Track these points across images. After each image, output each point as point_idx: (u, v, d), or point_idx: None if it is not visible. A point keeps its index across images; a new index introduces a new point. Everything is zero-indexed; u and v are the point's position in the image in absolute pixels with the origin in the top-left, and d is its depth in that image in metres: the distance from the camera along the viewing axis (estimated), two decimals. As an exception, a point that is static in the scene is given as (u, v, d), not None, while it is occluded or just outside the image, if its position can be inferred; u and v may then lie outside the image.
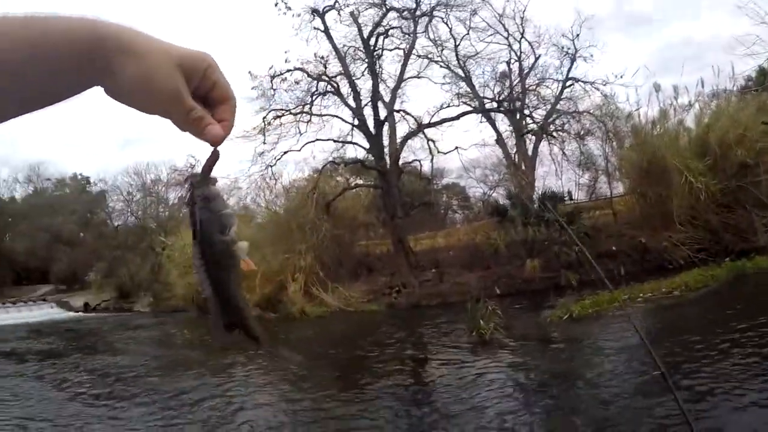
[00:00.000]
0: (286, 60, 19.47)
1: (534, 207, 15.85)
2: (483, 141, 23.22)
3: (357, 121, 19.88)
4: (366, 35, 20.23)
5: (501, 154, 22.99)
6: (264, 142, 20.13)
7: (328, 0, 19.75)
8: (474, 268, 16.66)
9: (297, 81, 19.79)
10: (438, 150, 20.81)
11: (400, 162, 19.72)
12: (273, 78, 19.42)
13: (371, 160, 19.94)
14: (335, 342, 12.39)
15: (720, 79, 19.02)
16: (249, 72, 19.47)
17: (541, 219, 15.02)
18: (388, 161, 19.18)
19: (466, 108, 22.08)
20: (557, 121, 22.21)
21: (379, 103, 19.90)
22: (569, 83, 22.24)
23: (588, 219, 16.84)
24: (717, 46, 34.32)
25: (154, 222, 31.32)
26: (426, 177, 21.10)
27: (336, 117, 20.48)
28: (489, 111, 22.54)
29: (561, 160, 21.78)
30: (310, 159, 20.94)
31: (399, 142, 19.91)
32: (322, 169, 19.85)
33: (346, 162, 21.05)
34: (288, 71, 19.47)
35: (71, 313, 26.65)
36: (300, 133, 20.15)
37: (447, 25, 21.80)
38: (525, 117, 22.58)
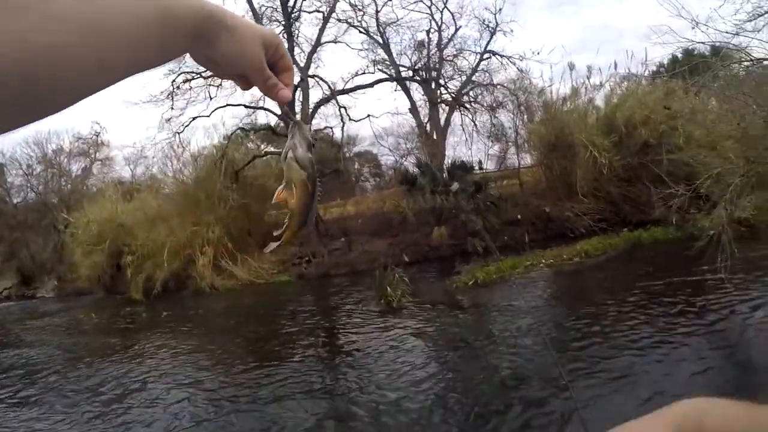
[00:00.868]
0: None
1: (443, 176, 15.82)
2: (396, 109, 23.02)
3: (269, 86, 18.94)
4: (285, -5, 19.29)
5: (414, 123, 22.94)
6: (172, 107, 19.22)
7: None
8: (383, 236, 16.53)
9: (209, 41, 18.61)
10: (350, 117, 20.33)
11: (311, 128, 19.02)
12: (184, 38, 18.16)
13: (282, 126, 19.13)
14: (247, 315, 12.15)
15: (632, 64, 19.80)
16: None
17: (449, 188, 15.03)
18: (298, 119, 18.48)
19: (381, 75, 21.81)
20: (471, 93, 22.34)
21: (294, 68, 19.05)
22: (486, 56, 22.40)
23: (495, 188, 17.12)
24: (635, 32, 35.70)
25: (56, 197, 28.63)
26: (337, 144, 20.58)
27: (248, 81, 19.50)
28: (405, 80, 22.39)
29: (472, 131, 21.89)
30: (219, 125, 20.00)
31: (311, 108, 19.26)
32: (231, 136, 18.95)
33: (256, 129, 20.23)
34: (201, 30, 18.27)
35: (-32, 306, 23.70)
36: (210, 98, 19.24)
37: (370, -11, 21.23)
38: (440, 87, 22.60)
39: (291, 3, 19.39)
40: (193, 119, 19.36)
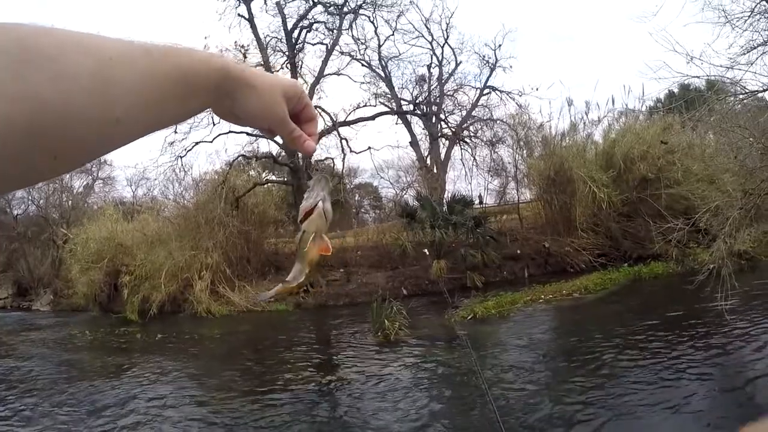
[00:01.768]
0: (205, 46, 18.34)
1: (442, 209, 15.80)
2: (397, 142, 23.17)
3: (272, 115, 19.18)
4: (290, 27, 19.73)
5: (414, 156, 23.07)
6: (175, 131, 19.09)
7: (255, -14, 19.03)
8: (382, 268, 16.46)
9: (214, 68, 18.99)
10: (351, 149, 20.51)
11: (312, 159, 19.15)
12: (190, 63, 18.53)
13: (284, 155, 19.30)
14: (242, 342, 12.06)
15: (630, 99, 19.99)
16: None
17: (449, 222, 14.99)
18: (300, 158, 18.58)
19: (383, 108, 22.04)
20: (471, 128, 22.55)
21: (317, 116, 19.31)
22: (486, 91, 22.80)
23: (495, 223, 17.07)
24: (632, 67, 36.26)
25: (57, 212, 28.76)
26: (338, 175, 20.65)
27: (250, 109, 19.79)
28: (405, 113, 22.63)
29: (472, 165, 21.97)
30: (222, 151, 20.20)
31: (313, 138, 19.35)
32: (233, 162, 19.11)
33: (257, 156, 20.40)
34: (206, 57, 18.65)
35: (-40, 314, 23.67)
36: (213, 124, 19.25)
37: (373, 24, 21.86)
38: (440, 121, 22.80)
39: (295, 35, 19.78)
40: (196, 144, 19.50)
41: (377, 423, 5.66)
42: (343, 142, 20.07)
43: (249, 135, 19.73)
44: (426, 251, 14.72)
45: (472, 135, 22.25)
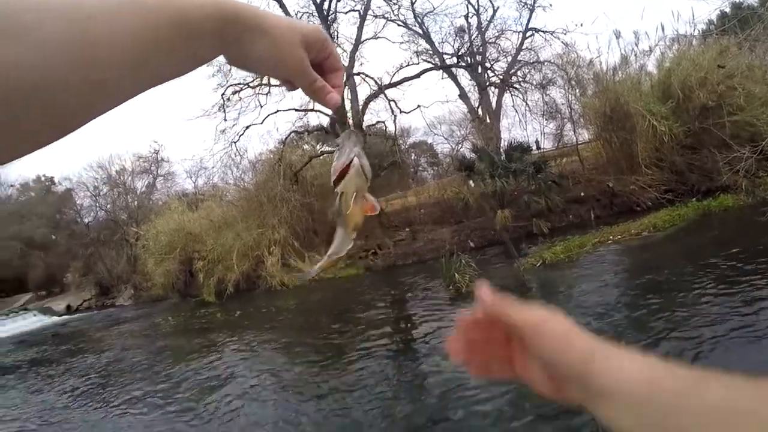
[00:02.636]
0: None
1: (501, 159, 15.85)
2: (446, 97, 23.02)
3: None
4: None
5: (465, 108, 22.85)
6: (225, 118, 19.93)
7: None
8: (446, 223, 16.76)
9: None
10: (401, 110, 20.52)
11: (363, 125, 19.42)
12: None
13: (330, 125, 19.62)
14: (318, 310, 12.42)
15: (680, 24, 19.15)
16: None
17: (509, 170, 15.06)
18: (351, 125, 18.89)
19: (426, 65, 21.84)
20: (519, 73, 22.15)
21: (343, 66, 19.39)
22: (529, 34, 22.18)
23: (556, 167, 16.87)
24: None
25: (124, 213, 30.52)
26: (391, 137, 20.86)
27: (294, 86, 20.10)
28: (450, 67, 22.37)
29: (525, 111, 21.77)
30: (273, 131, 20.77)
31: (361, 105, 19.61)
32: (286, 140, 19.71)
33: (309, 130, 20.84)
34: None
35: (55, 318, 25.63)
36: (261, 106, 19.92)
37: (402, -19, 21.27)
38: (486, 70, 22.45)
39: (326, 6, 19.75)
40: (247, 128, 20.06)
41: (461, 376, 5.62)
42: (392, 103, 20.11)
43: (297, 111, 20.16)
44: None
45: (520, 80, 21.88)
